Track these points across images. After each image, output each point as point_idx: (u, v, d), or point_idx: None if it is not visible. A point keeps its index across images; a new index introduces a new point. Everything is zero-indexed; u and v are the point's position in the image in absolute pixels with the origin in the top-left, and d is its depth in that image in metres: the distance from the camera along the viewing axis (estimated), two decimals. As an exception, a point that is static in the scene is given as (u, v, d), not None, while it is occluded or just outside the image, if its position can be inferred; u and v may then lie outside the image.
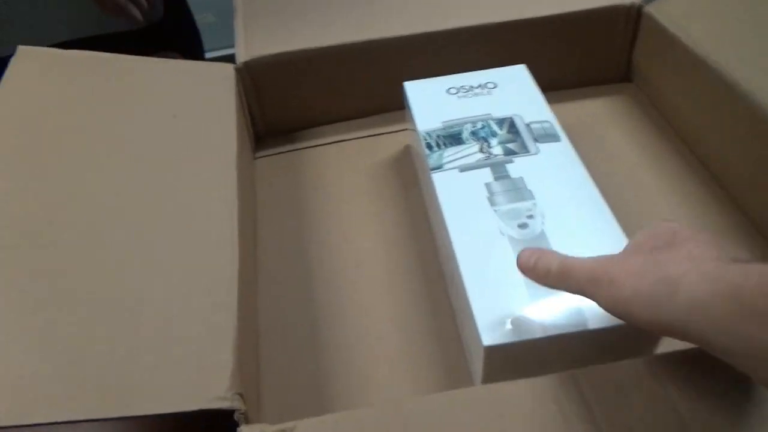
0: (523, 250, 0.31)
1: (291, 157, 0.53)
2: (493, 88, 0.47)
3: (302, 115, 0.55)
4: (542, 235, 0.35)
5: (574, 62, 0.56)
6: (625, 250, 0.28)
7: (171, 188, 0.38)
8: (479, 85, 0.47)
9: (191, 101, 0.45)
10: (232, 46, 0.51)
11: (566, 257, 0.28)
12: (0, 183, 0.38)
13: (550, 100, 0.45)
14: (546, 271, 0.29)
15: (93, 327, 0.31)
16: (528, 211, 0.37)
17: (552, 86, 0.50)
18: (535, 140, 0.42)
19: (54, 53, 0.46)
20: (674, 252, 0.24)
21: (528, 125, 0.43)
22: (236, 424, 0.28)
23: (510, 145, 0.42)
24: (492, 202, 0.38)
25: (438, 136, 0.43)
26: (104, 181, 0.38)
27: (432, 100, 0.46)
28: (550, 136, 0.42)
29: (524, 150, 0.41)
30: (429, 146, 0.43)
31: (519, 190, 0.38)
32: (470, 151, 0.42)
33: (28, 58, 0.45)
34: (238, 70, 0.49)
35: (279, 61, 0.50)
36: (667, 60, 0.51)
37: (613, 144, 0.51)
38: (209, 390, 0.28)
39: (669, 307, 0.22)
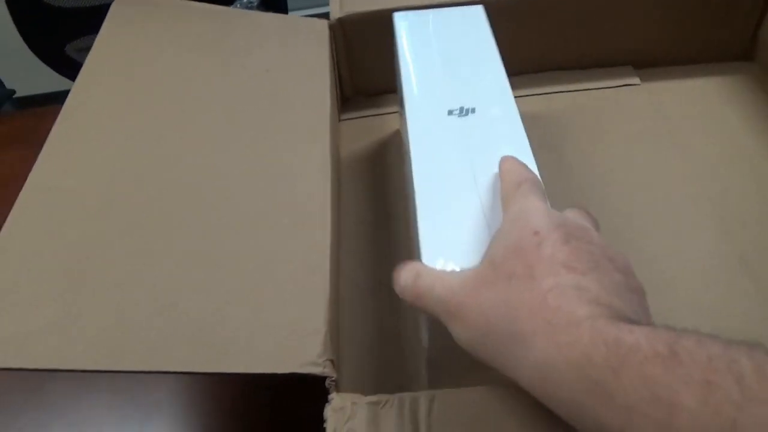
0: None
1: (375, 122, 0.52)
2: None
3: (392, 77, 0.53)
4: None
5: (687, 36, 0.51)
6: (482, 268, 0.24)
7: (264, 146, 0.37)
8: None
9: (285, 56, 0.44)
10: (320, 5, 0.49)
11: (422, 274, 0.25)
12: (94, 132, 0.37)
13: (657, 77, 0.41)
14: (401, 288, 0.26)
15: (185, 279, 0.30)
16: None
17: (660, 62, 0.46)
18: None
19: (151, 1, 0.46)
20: (530, 292, 0.21)
21: None
22: (325, 391, 0.27)
23: None
24: None
25: None
26: (196, 134, 0.38)
27: None
28: None
29: None
30: None
31: None
32: None
33: (126, 5, 0.45)
34: (331, 27, 0.47)
35: (375, 18, 0.47)
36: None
37: (727, 128, 0.47)
38: (301, 354, 0.27)
39: (517, 365, 0.21)
